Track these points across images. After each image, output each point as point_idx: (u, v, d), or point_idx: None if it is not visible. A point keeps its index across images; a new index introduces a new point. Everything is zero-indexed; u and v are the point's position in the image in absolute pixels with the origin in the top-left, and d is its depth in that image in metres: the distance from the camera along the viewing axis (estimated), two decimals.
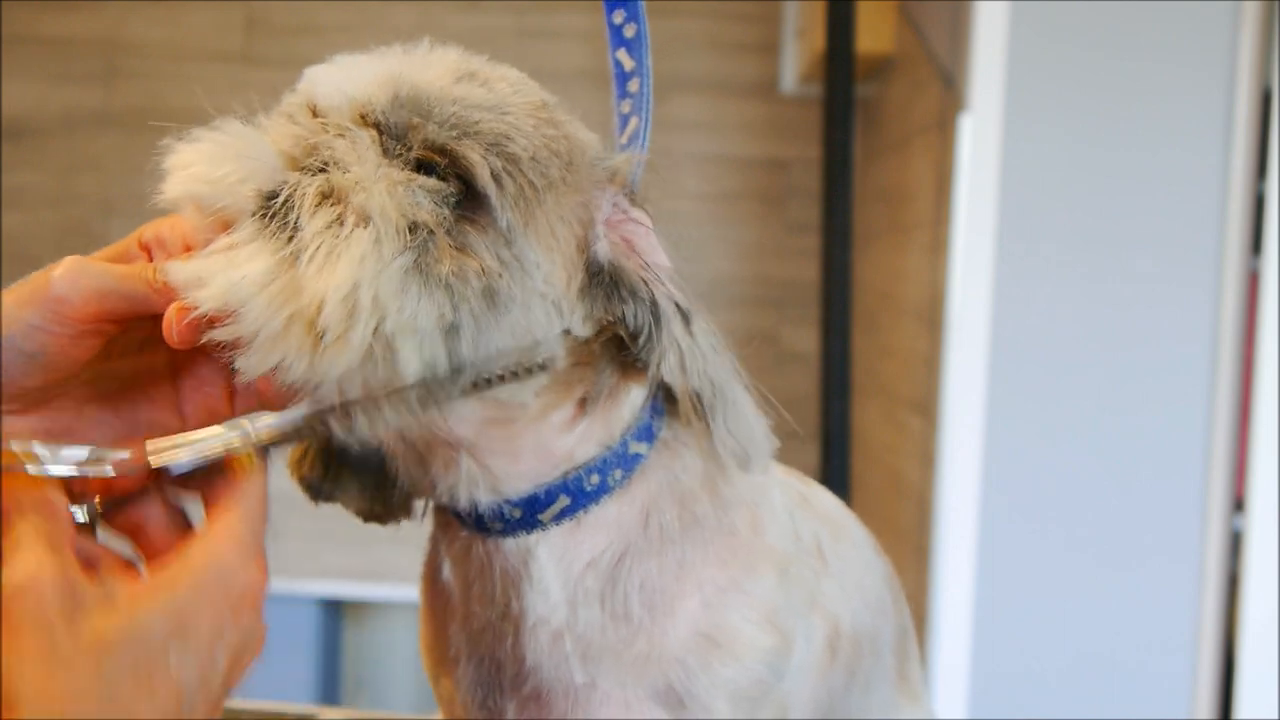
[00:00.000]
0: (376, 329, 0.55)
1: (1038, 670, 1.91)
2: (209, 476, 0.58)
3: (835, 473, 2.01)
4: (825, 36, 2.09)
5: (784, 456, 0.76)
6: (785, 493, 0.78)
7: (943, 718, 1.87)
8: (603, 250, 0.66)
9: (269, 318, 0.55)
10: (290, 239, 0.56)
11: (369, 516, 0.72)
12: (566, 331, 0.64)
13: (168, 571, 0.53)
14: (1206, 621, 1.86)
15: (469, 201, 0.59)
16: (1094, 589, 1.89)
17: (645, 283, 0.66)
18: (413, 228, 0.57)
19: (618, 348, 0.67)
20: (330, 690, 3.08)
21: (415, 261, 0.56)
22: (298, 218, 0.56)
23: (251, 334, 0.55)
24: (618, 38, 0.74)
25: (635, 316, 0.65)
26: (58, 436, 0.64)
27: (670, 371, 0.66)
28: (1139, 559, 1.88)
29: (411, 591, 0.82)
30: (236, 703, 0.98)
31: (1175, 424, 1.86)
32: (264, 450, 0.59)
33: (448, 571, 0.73)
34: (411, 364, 0.56)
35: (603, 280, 0.66)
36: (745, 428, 0.67)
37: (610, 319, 0.66)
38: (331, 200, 0.57)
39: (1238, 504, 1.85)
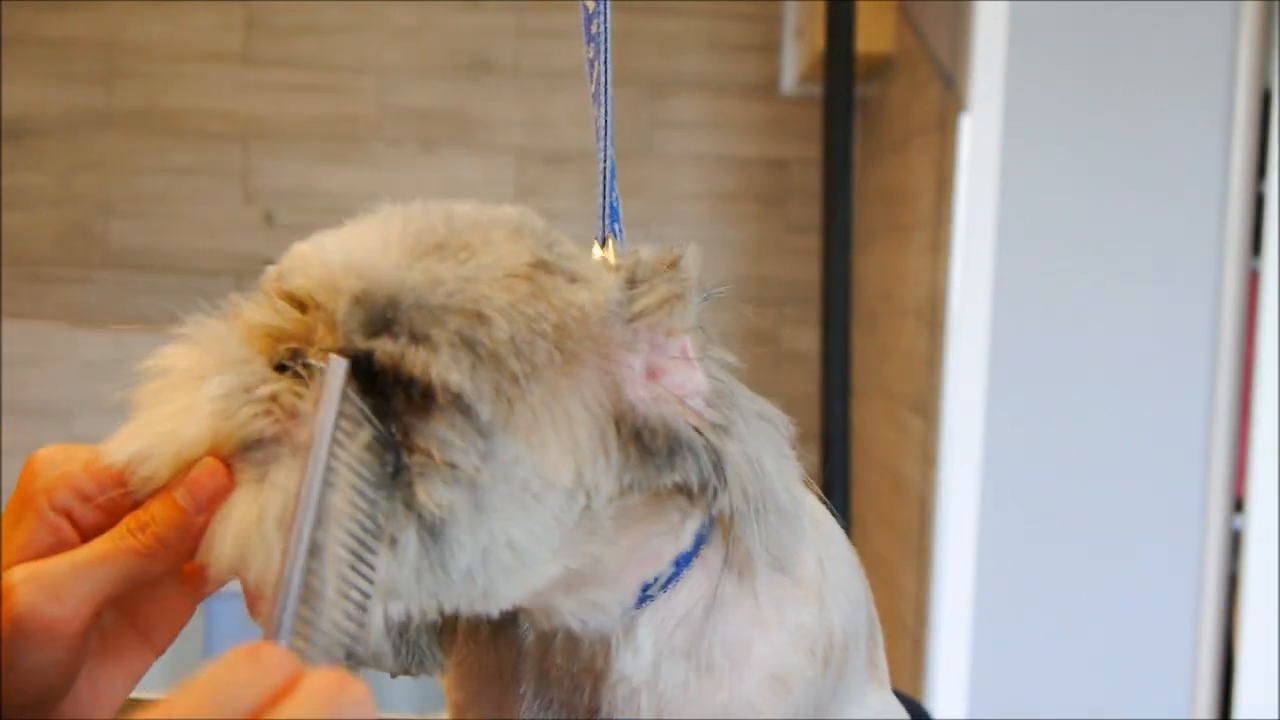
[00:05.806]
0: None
1: (1038, 670, 1.91)
2: None
3: (835, 473, 2.01)
4: (825, 36, 2.09)
5: None
6: None
7: (943, 718, 1.87)
8: (642, 414, 0.59)
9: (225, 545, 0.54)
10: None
11: (400, 673, 0.69)
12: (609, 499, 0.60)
13: None
14: (1206, 621, 1.86)
15: (426, 399, 0.54)
16: (1094, 588, 1.89)
17: (698, 431, 0.59)
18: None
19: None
20: None
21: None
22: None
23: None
24: None
25: (699, 472, 0.59)
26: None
27: (728, 506, 0.60)
28: (1139, 559, 1.88)
29: None
30: None
31: (1175, 424, 1.86)
32: None
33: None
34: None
35: (653, 446, 0.59)
36: (778, 539, 0.63)
37: (669, 483, 0.60)
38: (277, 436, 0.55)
39: (1238, 504, 1.85)
